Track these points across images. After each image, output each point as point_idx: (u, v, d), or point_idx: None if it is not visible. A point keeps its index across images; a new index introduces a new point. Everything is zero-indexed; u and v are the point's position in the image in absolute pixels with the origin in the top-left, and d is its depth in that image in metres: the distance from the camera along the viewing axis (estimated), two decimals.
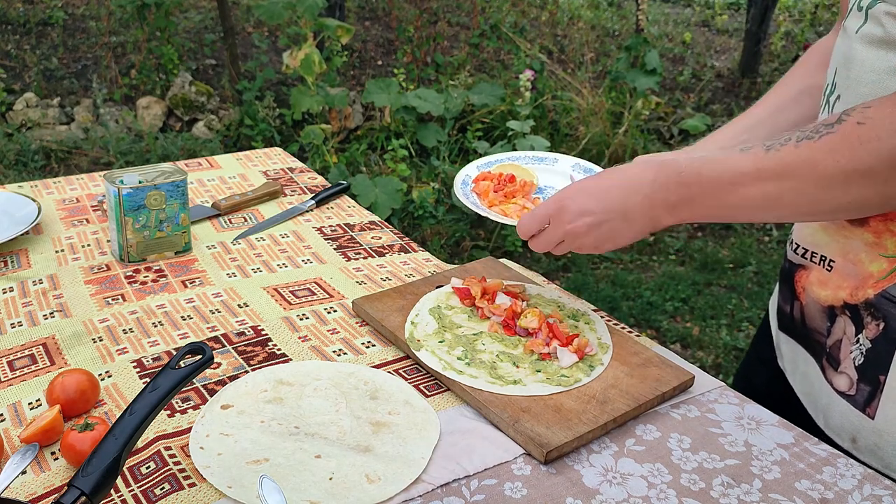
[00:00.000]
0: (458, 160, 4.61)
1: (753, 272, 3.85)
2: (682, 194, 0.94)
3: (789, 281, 1.08)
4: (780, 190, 0.87)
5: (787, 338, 1.12)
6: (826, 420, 1.03)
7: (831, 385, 1.01)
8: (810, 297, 1.04)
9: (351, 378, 1.03)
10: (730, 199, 0.92)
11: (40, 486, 0.85)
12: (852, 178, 0.80)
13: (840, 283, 0.98)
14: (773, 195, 0.88)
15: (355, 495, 0.84)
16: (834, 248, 0.99)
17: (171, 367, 0.82)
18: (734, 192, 0.91)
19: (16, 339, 1.11)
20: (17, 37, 5.57)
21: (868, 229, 0.94)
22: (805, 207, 0.89)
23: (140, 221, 1.30)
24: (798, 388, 1.10)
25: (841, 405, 1.00)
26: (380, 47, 6.20)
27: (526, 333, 1.10)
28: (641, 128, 5.09)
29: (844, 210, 0.87)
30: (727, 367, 3.12)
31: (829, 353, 1.01)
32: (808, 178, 0.85)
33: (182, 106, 4.95)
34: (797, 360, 1.10)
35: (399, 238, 1.47)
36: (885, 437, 0.95)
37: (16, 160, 4.40)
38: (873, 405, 0.96)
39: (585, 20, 7.21)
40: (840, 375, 1.00)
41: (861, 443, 0.98)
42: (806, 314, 1.06)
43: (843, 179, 0.81)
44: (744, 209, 0.92)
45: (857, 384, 0.97)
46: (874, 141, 0.78)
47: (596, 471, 0.90)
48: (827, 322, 1.01)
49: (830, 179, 0.83)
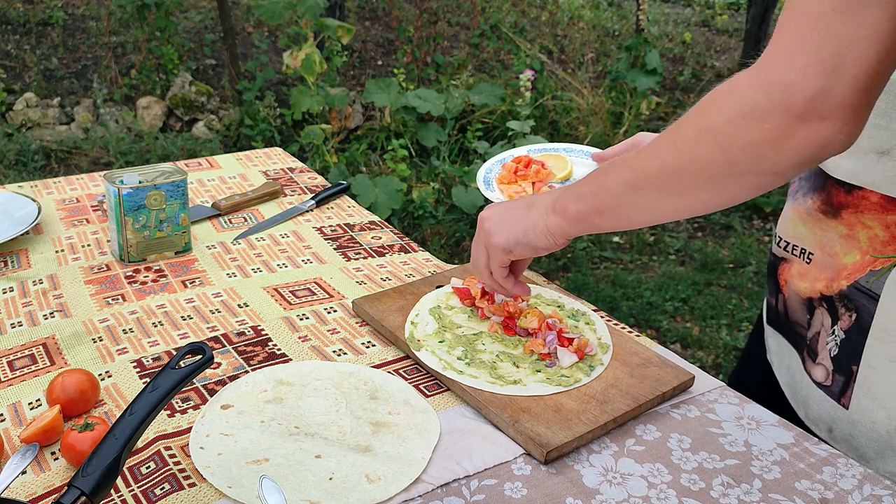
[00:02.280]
0: (458, 160, 4.61)
1: (753, 272, 3.85)
2: (576, 183, 0.97)
3: (774, 274, 1.11)
4: (645, 159, 0.86)
5: (774, 331, 1.15)
6: (806, 411, 1.06)
7: (810, 376, 1.04)
8: (792, 290, 1.07)
9: (351, 378, 1.03)
10: (604, 177, 0.92)
11: (40, 486, 0.85)
12: (701, 138, 0.79)
13: (817, 275, 1.01)
14: (639, 167, 0.87)
15: (355, 495, 0.84)
16: (812, 240, 1.02)
17: (171, 367, 0.82)
18: (609, 172, 0.91)
19: (16, 339, 1.11)
20: (17, 37, 5.57)
21: (841, 222, 0.97)
22: (666, 174, 0.85)
23: (140, 221, 1.30)
24: (782, 381, 1.13)
25: (818, 396, 1.03)
26: (380, 47, 6.20)
27: (526, 333, 1.10)
28: (642, 128, 5.09)
29: (698, 180, 0.82)
30: (727, 367, 3.12)
31: (809, 345, 1.04)
32: (669, 141, 0.84)
33: (182, 106, 4.95)
34: (782, 353, 1.13)
35: (399, 238, 1.47)
36: (859, 427, 0.98)
37: (16, 160, 4.41)
38: (847, 395, 0.99)
39: (585, 20, 7.22)
40: (818, 367, 1.03)
41: (837, 433, 1.01)
42: (788, 307, 1.08)
43: (694, 139, 0.80)
44: (616, 188, 0.90)
45: (832, 375, 1.00)
46: (721, 101, 0.78)
47: (596, 471, 0.90)
48: (807, 314, 1.04)
49: (684, 139, 0.82)
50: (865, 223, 0.94)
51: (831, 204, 0.99)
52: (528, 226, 1.00)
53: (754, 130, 0.73)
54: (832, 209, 0.98)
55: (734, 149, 0.76)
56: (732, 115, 0.75)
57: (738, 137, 0.75)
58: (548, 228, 0.98)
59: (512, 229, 1.02)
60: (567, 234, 0.98)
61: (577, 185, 0.96)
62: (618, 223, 0.94)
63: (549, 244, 0.99)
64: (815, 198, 1.01)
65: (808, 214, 1.02)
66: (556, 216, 0.97)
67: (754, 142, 0.74)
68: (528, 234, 1.00)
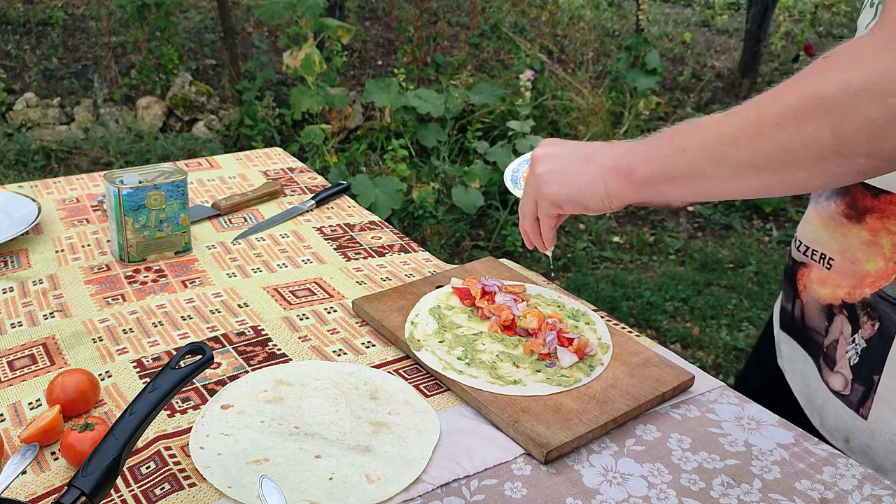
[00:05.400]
0: (457, 160, 4.61)
1: (753, 272, 3.85)
2: (642, 141, 0.89)
3: (791, 279, 1.08)
4: (736, 127, 0.77)
5: (788, 337, 1.12)
6: (821, 420, 1.04)
7: (827, 385, 1.01)
8: (811, 296, 1.04)
9: (351, 378, 1.03)
10: (681, 139, 0.83)
11: (40, 486, 0.85)
12: (808, 110, 0.71)
13: (839, 282, 0.98)
14: (727, 135, 0.78)
15: (355, 495, 0.84)
16: (833, 245, 0.99)
17: (171, 367, 0.82)
18: (687, 134, 0.83)
19: (16, 339, 1.11)
20: (17, 37, 5.57)
21: (864, 227, 0.94)
22: (761, 147, 0.76)
23: (140, 221, 1.30)
24: (795, 388, 1.10)
25: (835, 405, 1.00)
26: (380, 47, 6.20)
27: (526, 333, 1.10)
28: (642, 128, 5.09)
29: (799, 158, 0.74)
30: (727, 367, 3.12)
31: (826, 352, 1.01)
32: (766, 110, 0.75)
33: (182, 106, 4.95)
34: (796, 359, 1.10)
35: (399, 238, 1.47)
36: (877, 438, 0.95)
37: (16, 160, 4.41)
38: (866, 405, 0.96)
39: (585, 20, 7.22)
40: (835, 375, 1.00)
41: (854, 443, 0.98)
42: (806, 313, 1.05)
43: (800, 111, 0.72)
44: (696, 155, 0.82)
45: (851, 384, 0.97)
46: (836, 70, 0.70)
47: (596, 471, 0.90)
48: (825, 321, 1.01)
49: (786, 111, 0.73)
50: (891, 229, 0.91)
51: (856, 208, 0.95)
52: (583, 183, 0.91)
53: (878, 105, 0.65)
54: (856, 213, 0.95)
55: (849, 125, 0.67)
56: (852, 86, 0.67)
57: (856, 112, 0.66)
58: (606, 192, 0.89)
59: (566, 184, 0.93)
60: (627, 200, 0.90)
61: (647, 145, 0.86)
62: (689, 194, 0.85)
63: (603, 207, 0.91)
64: (838, 201, 0.98)
65: (830, 218, 0.99)
66: (618, 179, 0.88)
67: (877, 119, 0.65)
68: (582, 193, 0.92)
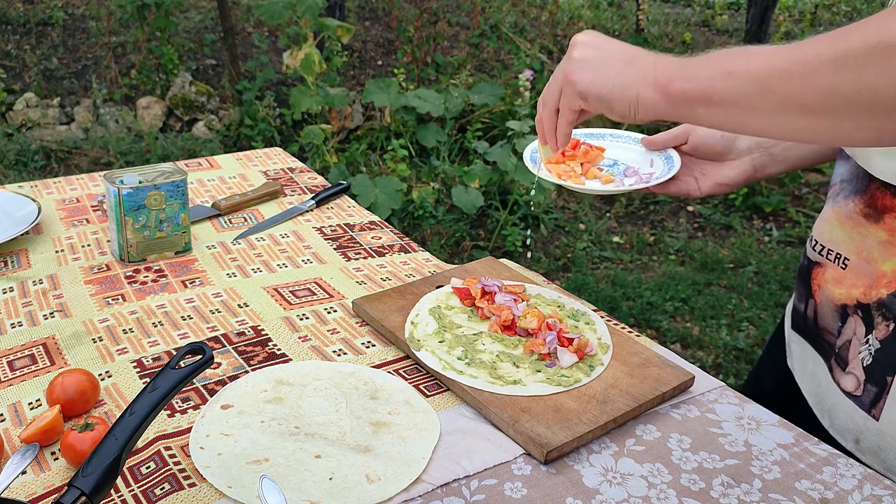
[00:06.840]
0: (457, 160, 4.61)
1: (753, 272, 3.85)
2: (689, 59, 0.85)
3: (806, 278, 1.08)
4: (790, 61, 0.73)
5: (799, 337, 1.11)
6: (831, 420, 1.03)
7: (838, 385, 1.01)
8: (825, 296, 1.03)
9: (351, 378, 1.03)
10: (729, 62, 0.79)
11: (40, 486, 0.85)
12: (871, 56, 0.67)
13: (854, 282, 0.97)
14: (779, 68, 0.74)
15: (355, 495, 0.84)
16: (849, 245, 0.98)
17: (171, 367, 0.82)
18: (735, 59, 0.79)
19: (16, 339, 1.11)
20: (17, 37, 5.57)
21: (882, 227, 0.93)
22: (814, 86, 0.72)
23: (140, 221, 1.30)
24: (805, 388, 1.10)
25: (846, 406, 0.99)
26: (380, 47, 6.20)
27: (526, 334, 1.10)
28: (641, 128, 5.09)
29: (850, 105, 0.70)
30: (727, 367, 3.12)
31: (839, 353, 1.01)
32: (827, 49, 0.71)
33: (182, 106, 4.95)
34: (806, 359, 1.09)
35: (399, 238, 1.47)
36: (888, 439, 0.94)
37: (16, 160, 4.41)
38: (879, 406, 0.95)
39: (585, 20, 7.22)
40: (847, 376, 0.99)
41: (864, 444, 0.98)
42: (819, 313, 1.05)
43: (862, 55, 0.68)
44: (742, 81, 0.78)
45: (863, 385, 0.97)
46: None
47: (596, 471, 0.90)
48: (839, 322, 1.01)
49: (848, 54, 0.69)
50: None
51: (875, 207, 0.94)
52: (618, 84, 0.88)
53: None
54: (875, 213, 0.94)
55: None
56: None
57: None
58: (639, 100, 0.86)
59: (599, 76, 0.90)
60: (656, 115, 0.86)
61: (691, 63, 0.83)
62: (724, 121, 0.82)
63: (628, 115, 0.88)
64: (856, 200, 0.97)
65: (847, 218, 0.98)
66: (654, 90, 0.85)
67: None
68: (613, 92, 0.88)
